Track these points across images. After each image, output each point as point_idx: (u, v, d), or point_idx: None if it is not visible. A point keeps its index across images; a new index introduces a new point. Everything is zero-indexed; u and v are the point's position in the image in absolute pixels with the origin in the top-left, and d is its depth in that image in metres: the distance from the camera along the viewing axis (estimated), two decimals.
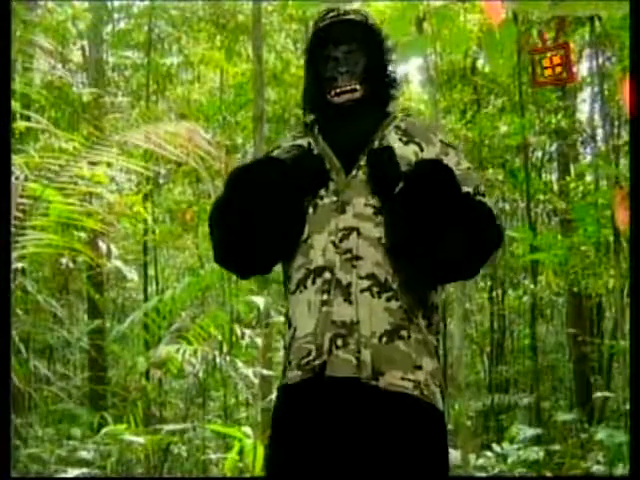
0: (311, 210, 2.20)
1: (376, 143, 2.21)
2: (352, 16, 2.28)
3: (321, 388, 2.10)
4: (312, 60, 2.32)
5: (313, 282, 2.16)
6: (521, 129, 9.03)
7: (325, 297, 2.12)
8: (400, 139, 2.23)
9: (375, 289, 2.11)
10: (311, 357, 2.12)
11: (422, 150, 2.22)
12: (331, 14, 2.29)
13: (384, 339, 2.10)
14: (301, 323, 2.17)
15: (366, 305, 2.10)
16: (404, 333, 2.12)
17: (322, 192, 2.20)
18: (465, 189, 2.18)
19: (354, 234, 2.14)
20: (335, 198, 2.18)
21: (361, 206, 2.15)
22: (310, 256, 2.17)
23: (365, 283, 2.11)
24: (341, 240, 2.14)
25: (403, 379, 2.10)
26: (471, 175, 2.25)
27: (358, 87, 2.21)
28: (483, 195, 2.23)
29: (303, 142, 2.30)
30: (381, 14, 10.26)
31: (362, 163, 2.19)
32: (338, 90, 2.22)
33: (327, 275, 2.13)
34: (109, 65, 11.29)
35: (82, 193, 5.49)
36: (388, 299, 2.12)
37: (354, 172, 2.19)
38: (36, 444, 6.64)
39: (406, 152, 2.20)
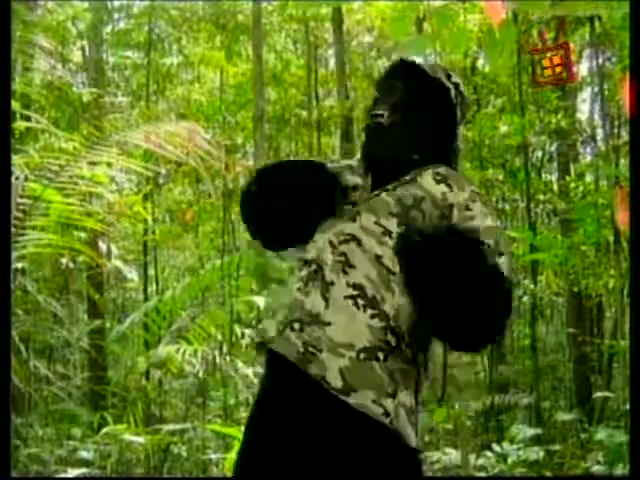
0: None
1: (409, 176, 2.27)
2: (412, 59, 2.45)
3: (283, 373, 2.15)
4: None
5: (300, 270, 2.25)
6: (521, 129, 9.02)
7: (303, 286, 2.19)
8: (434, 179, 2.27)
9: (360, 301, 2.11)
10: (272, 334, 2.20)
11: (452, 191, 2.24)
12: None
13: (362, 355, 2.08)
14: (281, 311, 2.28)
15: (345, 313, 2.11)
16: (381, 355, 2.09)
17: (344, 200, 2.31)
18: (487, 241, 2.13)
19: (354, 243, 2.18)
20: (352, 208, 2.26)
21: (370, 222, 2.20)
22: (310, 250, 2.26)
23: (351, 291, 2.13)
24: (340, 243, 2.19)
25: (374, 402, 2.06)
26: (493, 233, 2.19)
27: (385, 114, 2.32)
28: (501, 255, 2.14)
29: (354, 164, 2.42)
30: (381, 14, 10.29)
31: (388, 187, 2.26)
32: (371, 114, 2.37)
33: (313, 267, 2.20)
34: (109, 65, 11.30)
35: (82, 193, 5.49)
36: (372, 316, 2.11)
37: (377, 191, 2.27)
38: (36, 444, 6.64)
39: (435, 190, 2.24)
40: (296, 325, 2.13)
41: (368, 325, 2.10)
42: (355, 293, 2.12)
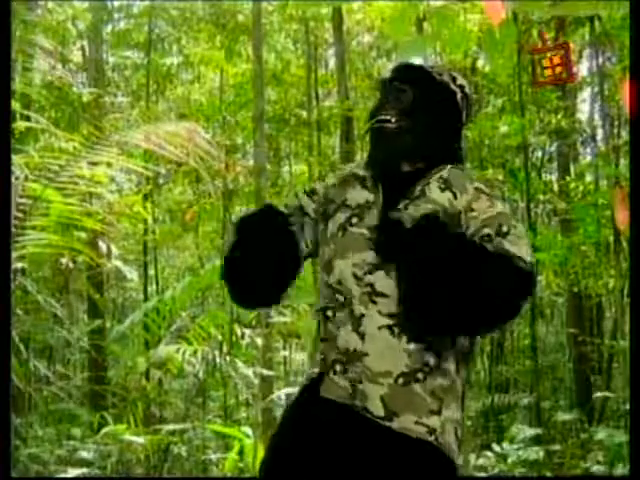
0: (340, 234, 2.26)
1: (417, 190, 2.25)
2: (419, 62, 2.48)
3: (318, 406, 2.16)
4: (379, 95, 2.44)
5: (321, 293, 2.27)
6: (521, 129, 9.01)
7: (330, 313, 2.20)
8: (439, 187, 2.26)
9: (396, 330, 2.12)
10: (314, 375, 2.21)
11: (456, 198, 2.23)
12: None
13: (400, 380, 2.10)
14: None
15: (382, 342, 2.12)
16: (420, 376, 2.11)
17: (355, 220, 2.25)
18: (486, 231, 2.14)
19: (381, 272, 2.16)
20: (369, 233, 2.21)
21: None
22: (330, 276, 2.24)
23: (385, 321, 2.13)
24: (365, 273, 2.17)
25: (417, 423, 2.09)
26: (499, 217, 2.19)
27: (392, 119, 2.29)
28: (506, 235, 2.13)
29: (361, 172, 2.37)
30: (381, 14, 10.29)
31: (400, 206, 2.22)
32: (377, 119, 2.32)
33: (340, 297, 2.19)
34: (109, 65, 11.30)
35: (82, 193, 5.49)
36: (408, 342, 2.12)
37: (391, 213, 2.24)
38: (36, 444, 6.64)
39: (442, 199, 2.23)
40: (338, 367, 2.15)
41: (405, 350, 2.12)
42: (390, 322, 2.13)
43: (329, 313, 2.20)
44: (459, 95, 2.37)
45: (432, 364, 2.12)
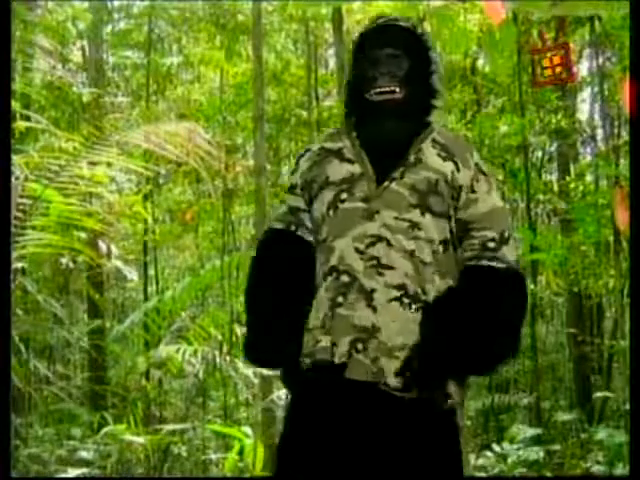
0: (332, 212, 2.21)
1: (412, 156, 2.21)
2: (401, 23, 2.31)
3: (340, 389, 2.13)
4: (356, 61, 2.31)
5: (324, 280, 2.19)
6: (521, 129, 9.01)
7: (341, 299, 2.14)
8: (439, 154, 2.23)
9: (406, 300, 2.12)
10: (328, 356, 2.14)
11: (459, 170, 2.21)
12: (380, 20, 2.33)
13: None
14: (313, 317, 2.20)
15: (393, 314, 2.12)
16: None
17: (344, 195, 2.20)
18: (489, 234, 2.19)
19: (383, 243, 2.14)
20: (364, 205, 2.17)
21: (391, 218, 2.15)
22: (330, 258, 2.19)
23: (394, 292, 2.12)
24: (367, 247, 2.14)
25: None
26: (498, 216, 2.23)
27: (397, 89, 2.21)
28: (507, 241, 2.21)
29: (334, 145, 2.29)
30: (381, 14, 10.28)
31: (395, 175, 2.19)
32: (378, 90, 2.21)
33: (345, 278, 2.15)
34: (109, 65, 11.29)
35: (82, 193, 5.49)
36: (417, 309, 2.13)
37: (386, 183, 2.19)
38: (36, 444, 6.65)
39: (445, 169, 2.21)
40: (359, 345, 2.11)
41: (414, 320, 2.12)
42: (400, 293, 2.12)
43: (340, 299, 2.14)
44: (433, 49, 2.35)
45: None
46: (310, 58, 10.99)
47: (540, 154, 11.63)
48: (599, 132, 10.51)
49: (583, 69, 10.19)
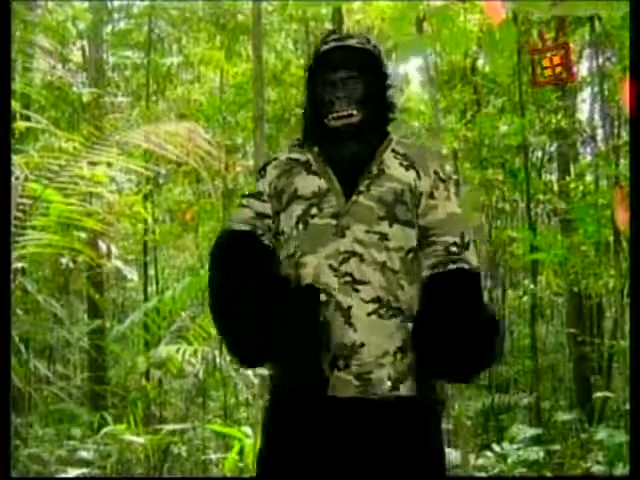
0: (301, 227, 2.21)
1: (374, 168, 2.24)
2: (353, 41, 2.30)
3: (322, 407, 2.14)
4: (312, 83, 2.32)
5: None
6: (521, 129, 9.02)
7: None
8: (401, 164, 2.26)
9: (382, 311, 2.16)
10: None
11: (420, 179, 2.25)
12: (332, 37, 2.32)
13: (398, 355, 2.17)
14: None
15: (373, 328, 2.15)
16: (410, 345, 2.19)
17: (314, 211, 2.20)
18: (450, 239, 2.22)
19: (355, 259, 2.16)
20: (334, 221, 2.19)
21: (362, 232, 2.17)
22: (301, 274, 2.18)
23: (371, 307, 2.15)
24: (340, 263, 2.16)
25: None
26: (456, 221, 2.26)
27: (355, 112, 2.23)
28: (467, 246, 2.24)
29: (301, 157, 2.31)
30: (381, 14, 10.29)
31: (362, 188, 2.21)
32: (335, 115, 2.23)
33: (322, 297, 2.15)
34: (109, 65, 11.29)
35: (82, 193, 5.49)
36: (392, 316, 2.17)
37: (354, 197, 2.21)
38: (36, 444, 6.65)
39: (407, 178, 2.24)
40: (340, 363, 2.14)
41: (394, 326, 2.16)
42: (375, 307, 2.16)
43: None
44: (385, 62, 2.35)
45: None
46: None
47: (540, 154, 11.63)
48: (599, 132, 10.52)
49: (583, 69, 10.20)
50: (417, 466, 2.16)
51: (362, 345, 2.13)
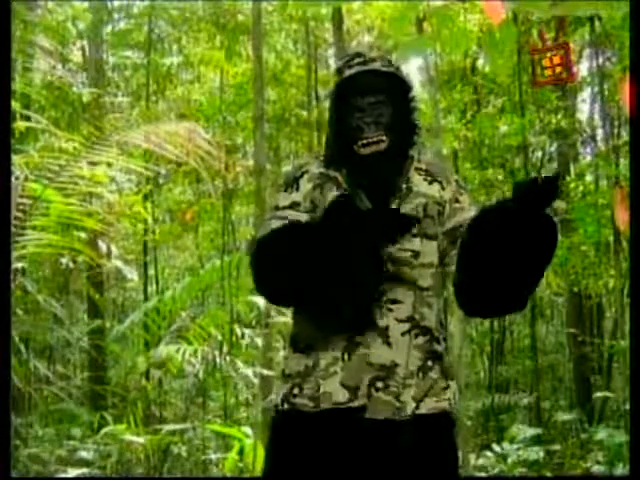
0: None
1: (403, 187, 2.25)
2: (377, 65, 2.28)
3: (354, 430, 2.14)
4: (337, 109, 2.29)
5: None
6: (521, 129, 9.02)
7: (359, 339, 2.14)
8: (425, 179, 2.29)
9: (414, 331, 2.18)
10: (344, 399, 2.13)
11: (443, 189, 2.29)
12: (356, 61, 2.28)
13: (420, 374, 2.19)
14: (324, 356, 2.17)
15: (406, 347, 2.17)
16: (430, 363, 2.21)
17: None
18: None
19: (391, 278, 2.16)
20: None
21: (396, 250, 2.18)
22: None
23: (406, 326, 2.17)
24: None
25: (437, 402, 2.20)
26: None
27: (384, 138, 2.21)
28: None
29: (330, 173, 2.27)
30: (381, 14, 10.29)
31: (394, 207, 2.21)
32: (365, 141, 2.20)
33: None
34: (109, 65, 11.29)
35: (82, 193, 5.49)
36: (417, 335, 2.19)
37: None
38: (36, 444, 6.65)
39: (432, 191, 2.27)
40: (379, 384, 2.14)
41: (418, 346, 2.18)
42: (409, 326, 2.18)
43: (358, 339, 2.14)
44: (411, 86, 2.35)
45: (439, 351, 2.23)
46: (310, 58, 11.00)
47: (540, 154, 11.64)
48: (599, 132, 10.52)
49: (583, 69, 10.19)
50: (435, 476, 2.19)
51: (397, 365, 2.15)
